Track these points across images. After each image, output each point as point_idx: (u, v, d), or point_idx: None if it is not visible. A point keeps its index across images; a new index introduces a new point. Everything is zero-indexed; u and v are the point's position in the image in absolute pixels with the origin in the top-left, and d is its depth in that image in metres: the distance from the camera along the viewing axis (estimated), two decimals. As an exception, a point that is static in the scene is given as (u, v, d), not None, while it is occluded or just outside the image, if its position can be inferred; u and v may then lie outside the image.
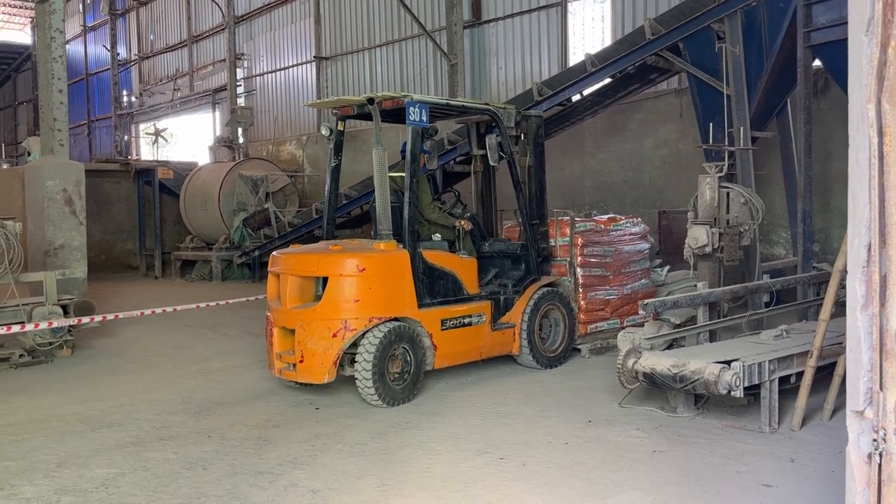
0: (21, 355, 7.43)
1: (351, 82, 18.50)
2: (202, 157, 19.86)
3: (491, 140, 6.67)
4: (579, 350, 7.37)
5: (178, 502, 3.99)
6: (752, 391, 5.02)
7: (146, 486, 4.21)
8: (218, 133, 20.78)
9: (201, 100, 23.62)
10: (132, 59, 27.48)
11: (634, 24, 11.91)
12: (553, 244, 7.35)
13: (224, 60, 21.49)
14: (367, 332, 5.70)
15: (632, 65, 9.45)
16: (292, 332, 5.90)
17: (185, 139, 24.73)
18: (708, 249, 6.64)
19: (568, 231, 7.40)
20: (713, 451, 4.59)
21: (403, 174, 6.27)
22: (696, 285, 6.68)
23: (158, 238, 17.39)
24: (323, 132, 6.67)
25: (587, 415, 5.40)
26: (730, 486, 4.06)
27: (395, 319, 5.86)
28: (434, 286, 6.16)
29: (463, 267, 6.46)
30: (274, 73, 21.21)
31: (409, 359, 5.88)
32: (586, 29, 13.66)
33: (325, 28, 19.33)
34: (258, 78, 21.76)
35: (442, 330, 6.14)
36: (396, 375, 5.81)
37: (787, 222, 9.82)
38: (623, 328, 7.34)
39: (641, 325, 6.89)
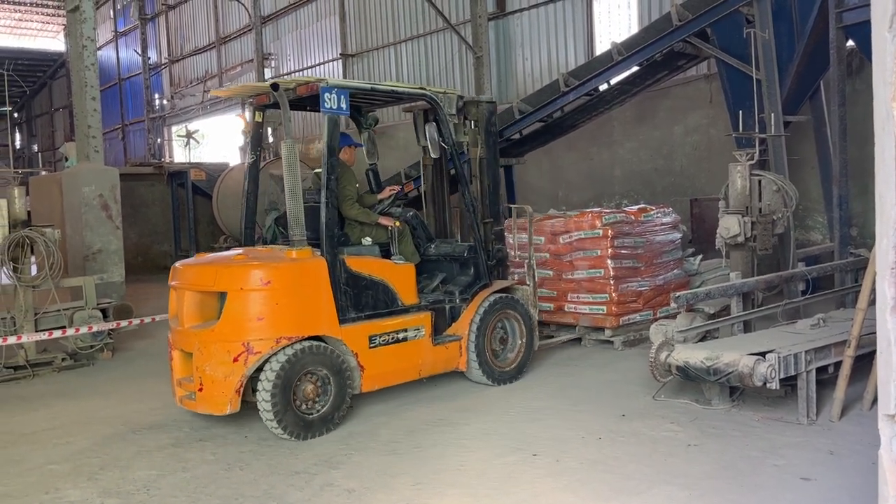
0: (63, 359, 7.62)
1: (376, 78, 18.54)
2: (233, 158, 20.09)
3: (431, 129, 6.11)
4: (612, 342, 7.33)
5: (216, 502, 4.08)
6: (789, 382, 4.95)
7: (186, 488, 4.30)
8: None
9: (231, 100, 23.86)
10: (163, 62, 27.91)
11: (661, 11, 11.76)
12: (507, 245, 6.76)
13: (252, 61, 21.73)
14: (274, 355, 4.99)
15: (659, 52, 9.31)
16: (192, 355, 5.20)
17: (216, 140, 25.05)
18: (740, 239, 6.53)
19: (530, 229, 6.80)
20: (750, 444, 4.54)
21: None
22: (729, 275, 6.58)
23: (193, 239, 17.67)
24: (238, 125, 6.28)
25: (620, 408, 5.37)
26: (767, 480, 4.02)
27: (312, 338, 5.16)
28: (360, 298, 5.45)
29: (397, 274, 5.74)
30: (301, 72, 21.35)
31: (328, 383, 5.17)
32: (612, 17, 13.52)
33: (351, 25, 19.40)
34: (285, 77, 21.93)
35: (370, 348, 5.44)
36: (312, 402, 5.11)
37: (823, 207, 9.62)
38: (656, 320, 7.28)
39: (674, 316, 6.82)
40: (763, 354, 4.77)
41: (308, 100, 5.59)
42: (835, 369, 5.04)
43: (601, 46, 13.05)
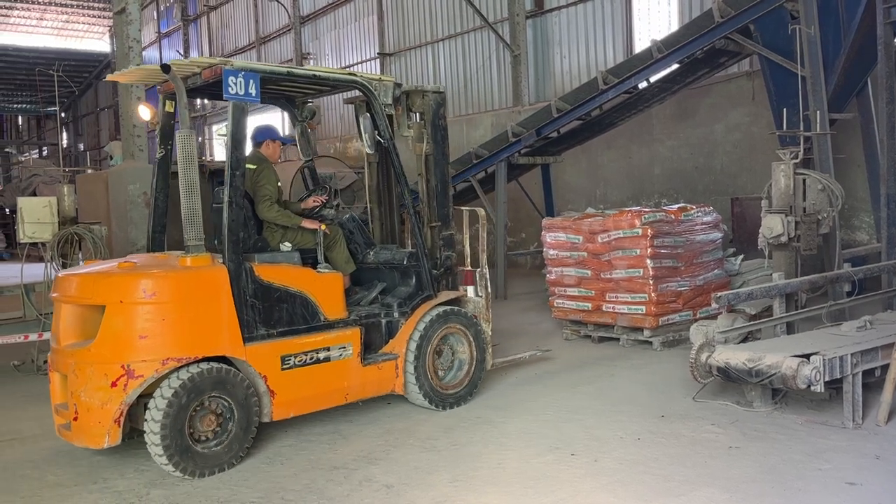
0: (109, 353, 7.80)
1: (414, 77, 18.62)
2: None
3: (365, 121, 5.58)
4: (650, 343, 7.26)
5: (258, 496, 4.15)
6: (834, 385, 4.85)
7: (228, 481, 4.39)
8: (286, 132, 21.26)
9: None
10: (204, 62, 28.40)
11: (702, 7, 11.61)
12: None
13: (291, 60, 21.96)
14: (160, 379, 4.36)
15: (700, 49, 9.19)
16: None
17: (255, 139, 25.36)
18: (784, 239, 6.41)
19: (483, 234, 6.12)
20: (793, 448, 4.47)
21: (252, 165, 5.35)
22: (771, 275, 6.47)
23: (233, 236, 17.92)
24: (141, 115, 5.35)
25: (660, 409, 5.33)
26: (811, 484, 3.95)
27: (209, 359, 4.52)
28: (271, 312, 4.80)
29: (319, 285, 5.07)
30: (339, 71, 21.53)
31: (230, 412, 4.55)
32: (652, 14, 13.37)
33: (388, 24, 19.51)
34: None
35: (283, 370, 4.80)
36: (212, 434, 4.51)
37: (869, 206, 9.42)
38: (696, 320, 7.20)
39: (715, 317, 6.73)
40: (807, 356, 4.69)
41: (218, 85, 4.91)
42: (882, 372, 4.94)
43: (640, 44, 12.92)
